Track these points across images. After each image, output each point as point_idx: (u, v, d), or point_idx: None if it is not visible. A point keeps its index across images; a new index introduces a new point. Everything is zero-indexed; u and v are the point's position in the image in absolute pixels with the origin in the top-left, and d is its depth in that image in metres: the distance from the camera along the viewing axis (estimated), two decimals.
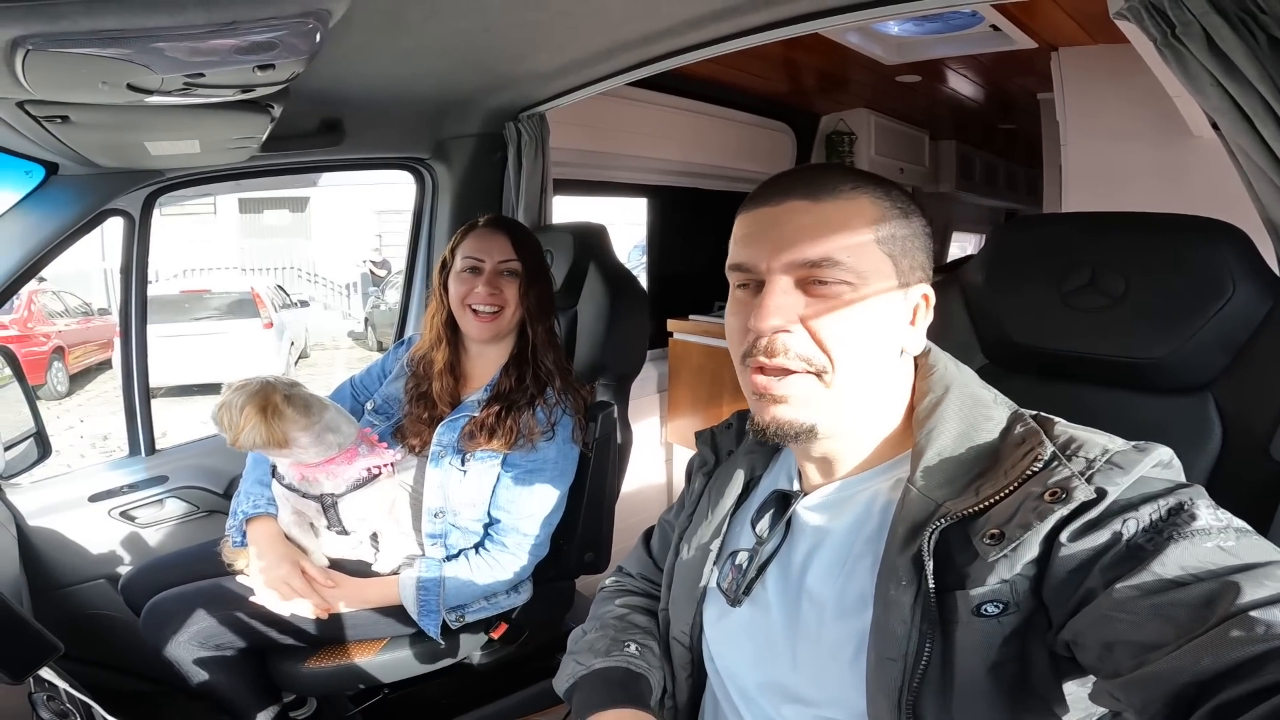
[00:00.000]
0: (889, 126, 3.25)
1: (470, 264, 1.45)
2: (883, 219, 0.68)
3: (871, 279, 0.67)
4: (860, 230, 0.67)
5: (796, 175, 0.71)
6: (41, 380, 7.76)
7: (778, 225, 0.68)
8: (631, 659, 0.84)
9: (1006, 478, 0.62)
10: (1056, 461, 0.61)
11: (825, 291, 0.67)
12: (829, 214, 0.67)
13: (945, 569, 0.62)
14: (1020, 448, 0.64)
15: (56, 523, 1.69)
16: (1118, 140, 2.02)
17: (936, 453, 0.67)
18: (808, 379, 0.67)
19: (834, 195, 0.68)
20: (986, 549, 0.59)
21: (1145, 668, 0.50)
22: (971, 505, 0.62)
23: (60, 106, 0.89)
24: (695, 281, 2.80)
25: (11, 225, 1.49)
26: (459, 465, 1.39)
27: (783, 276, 0.67)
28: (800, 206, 0.68)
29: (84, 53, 0.61)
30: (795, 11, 1.28)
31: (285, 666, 1.40)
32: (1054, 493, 0.58)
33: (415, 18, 1.15)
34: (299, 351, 10.28)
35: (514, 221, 1.56)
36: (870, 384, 0.70)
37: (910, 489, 0.66)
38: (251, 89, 0.88)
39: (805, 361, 0.67)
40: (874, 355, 0.69)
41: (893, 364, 0.72)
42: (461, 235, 1.49)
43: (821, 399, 0.68)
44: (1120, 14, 0.85)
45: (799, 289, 0.67)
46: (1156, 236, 0.84)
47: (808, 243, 0.66)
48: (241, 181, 1.95)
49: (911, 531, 0.64)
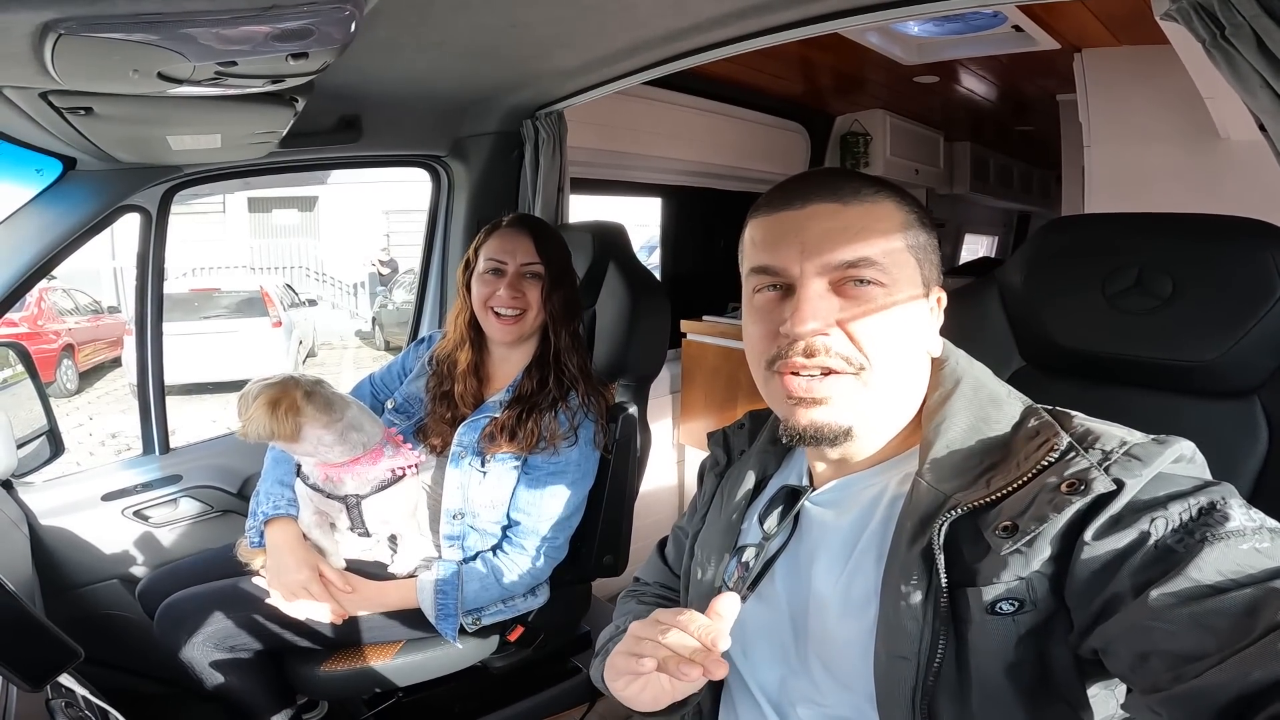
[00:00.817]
0: (904, 127, 3.24)
1: (493, 265, 1.43)
2: (907, 224, 0.70)
3: (902, 281, 0.68)
4: (891, 233, 0.68)
5: (814, 179, 0.71)
6: (51, 378, 7.80)
7: (806, 228, 0.68)
8: None
9: (1019, 469, 0.61)
10: (1073, 453, 0.60)
11: (860, 293, 0.67)
12: (859, 217, 0.68)
13: (954, 565, 0.61)
14: (1034, 440, 0.63)
15: (69, 522, 1.68)
16: (1143, 142, 2.01)
17: (945, 445, 0.66)
18: (847, 379, 0.67)
19: (859, 199, 0.68)
20: (999, 541, 0.58)
21: (1190, 682, 0.48)
22: (983, 496, 0.61)
23: (85, 97, 0.87)
24: (709, 282, 2.78)
25: (27, 221, 1.47)
26: (479, 466, 1.37)
27: (816, 279, 0.67)
28: (829, 209, 0.68)
29: (118, 38, 0.60)
30: (822, 10, 1.26)
31: (301, 669, 1.38)
32: (1071, 484, 0.57)
33: (443, 11, 1.14)
34: (307, 350, 10.31)
35: (539, 221, 1.54)
36: (902, 383, 0.71)
37: (919, 482, 0.65)
38: (281, 79, 0.86)
39: (846, 361, 0.67)
40: (907, 355, 0.70)
41: (920, 364, 0.72)
42: (485, 235, 1.47)
43: (858, 398, 0.68)
44: (1168, 15, 0.84)
45: (832, 291, 0.67)
46: (1203, 238, 0.82)
47: (843, 245, 0.67)
48: (251, 180, 1.94)
49: (920, 525, 0.63)
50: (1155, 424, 0.66)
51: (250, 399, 1.24)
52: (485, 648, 1.46)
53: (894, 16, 1.23)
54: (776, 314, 0.68)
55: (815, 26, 1.30)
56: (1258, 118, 0.83)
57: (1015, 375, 0.91)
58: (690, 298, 2.71)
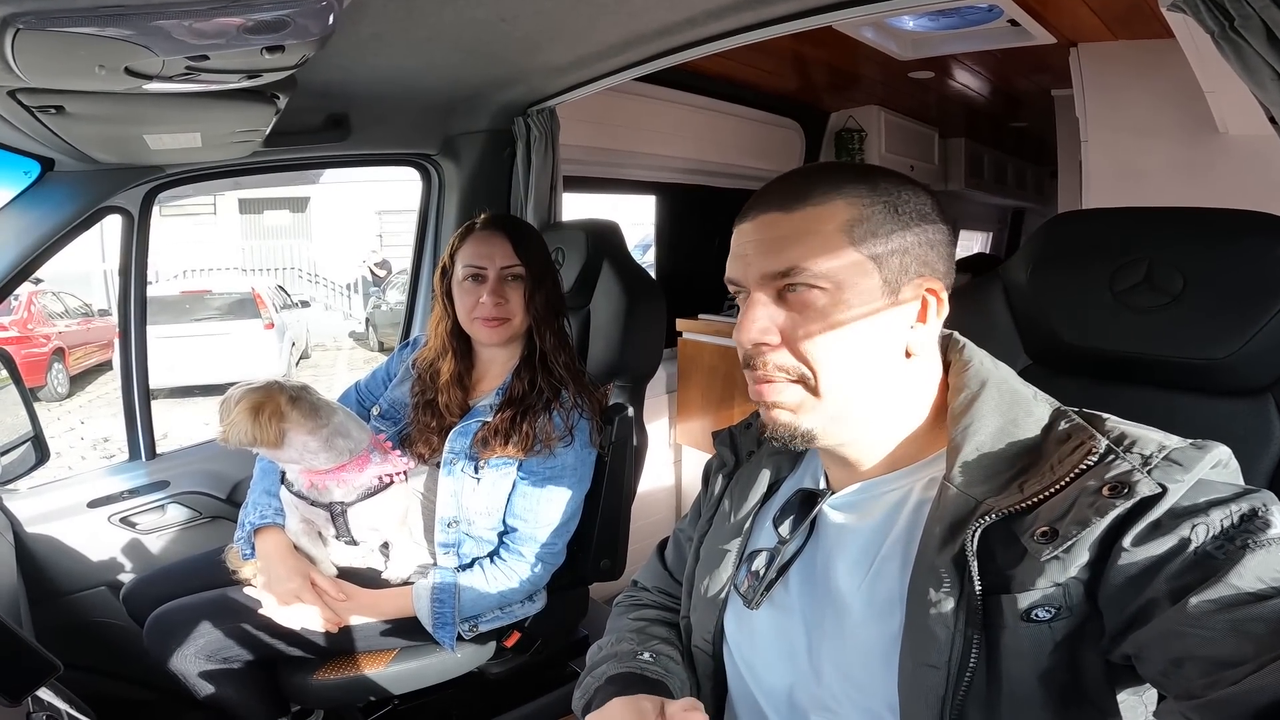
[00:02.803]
0: (899, 124, 3.23)
1: (472, 271, 1.39)
2: (859, 219, 0.66)
3: (849, 283, 0.66)
4: (829, 235, 0.66)
5: (779, 185, 0.70)
6: (42, 382, 7.75)
7: (750, 240, 0.69)
8: (646, 665, 0.81)
9: (1054, 473, 0.60)
10: (1113, 456, 0.58)
11: (801, 300, 0.66)
12: (797, 223, 0.67)
13: (987, 571, 0.60)
14: (1067, 443, 0.62)
15: (55, 529, 1.65)
16: (1141, 137, 2.00)
17: (975, 448, 0.64)
18: (794, 387, 0.68)
19: (804, 202, 0.67)
20: (1038, 547, 0.57)
21: (1227, 688, 0.47)
22: (1017, 502, 0.60)
23: (55, 95, 0.84)
24: (704, 280, 2.77)
25: (6, 223, 1.44)
26: (473, 473, 1.35)
27: (760, 291, 0.68)
28: (773, 219, 0.68)
29: (80, 32, 0.57)
30: (814, 3, 1.25)
31: (294, 678, 1.36)
32: (1114, 487, 0.56)
33: (429, 5, 1.12)
34: (300, 352, 10.26)
35: (514, 220, 1.51)
36: (867, 388, 0.68)
37: (948, 486, 0.64)
38: (258, 74, 0.83)
39: (784, 372, 0.67)
40: (863, 359, 0.67)
41: (895, 366, 0.69)
42: (460, 239, 1.43)
43: (811, 406, 0.68)
44: (1175, 6, 0.81)
45: (777, 302, 0.67)
46: (1214, 232, 0.80)
47: (775, 254, 0.66)
48: (241, 180, 1.91)
49: (951, 530, 0.61)
50: (1165, 423, 0.64)
51: (232, 404, 1.21)
52: (482, 654, 1.44)
53: (887, 10, 1.22)
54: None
55: (808, 20, 1.28)
56: (1268, 110, 0.81)
57: (1022, 374, 0.88)
58: (685, 296, 2.69)
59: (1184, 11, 0.78)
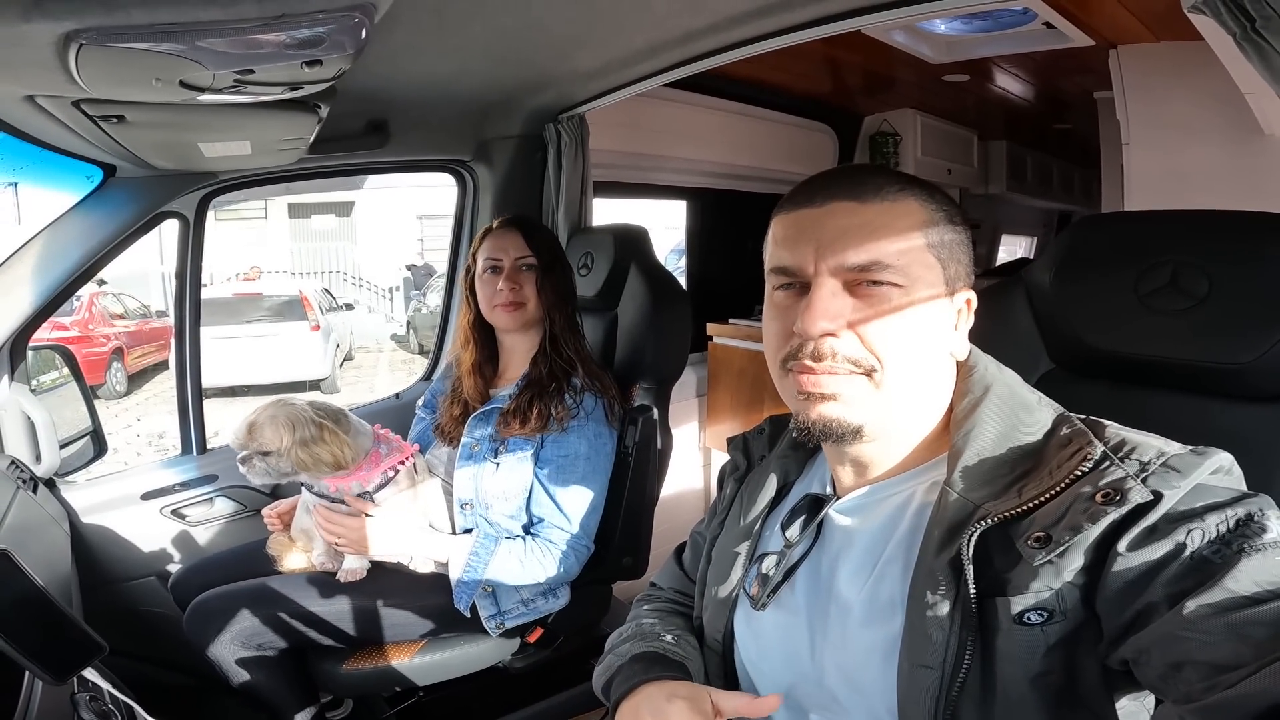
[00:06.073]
0: (935, 126, 3.18)
1: (490, 264, 1.52)
2: (931, 222, 0.67)
3: (920, 282, 0.66)
4: (909, 233, 0.66)
5: (838, 176, 0.70)
6: (101, 380, 8.06)
7: (823, 227, 0.67)
8: (668, 646, 0.83)
9: (1052, 479, 0.60)
10: (1108, 462, 0.58)
11: (874, 294, 0.65)
12: (876, 216, 0.66)
13: (983, 574, 0.60)
14: (1066, 448, 0.62)
15: (109, 520, 1.72)
16: (1184, 140, 1.94)
17: (975, 453, 0.64)
18: (857, 379, 0.66)
19: (879, 197, 0.66)
20: (1031, 552, 0.57)
21: (1225, 692, 0.47)
22: (1014, 507, 0.60)
23: (116, 106, 0.91)
24: (735, 285, 2.76)
25: (70, 226, 1.53)
26: (492, 457, 1.41)
27: (830, 279, 0.66)
28: (846, 208, 0.66)
29: (138, 48, 0.63)
30: (840, 7, 1.25)
31: (324, 667, 1.41)
32: (1106, 494, 0.56)
33: (460, 14, 1.16)
34: (344, 354, 10.50)
35: (526, 218, 1.63)
36: (919, 386, 0.69)
37: (948, 491, 0.64)
38: (300, 86, 0.89)
39: (853, 364, 0.66)
40: (923, 358, 0.68)
41: (941, 367, 0.70)
42: (480, 240, 1.56)
43: (870, 399, 0.66)
44: (1196, 8, 0.80)
45: (846, 291, 0.66)
46: (1240, 235, 0.79)
47: (857, 245, 0.65)
48: (290, 185, 1.99)
49: (949, 534, 0.62)
50: (1187, 428, 0.64)
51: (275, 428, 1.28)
52: (505, 648, 1.47)
53: (915, 14, 1.21)
54: (792, 312, 0.67)
55: (834, 25, 1.28)
56: None
57: (1044, 378, 0.88)
58: (716, 301, 2.69)
59: (1204, 13, 0.77)
